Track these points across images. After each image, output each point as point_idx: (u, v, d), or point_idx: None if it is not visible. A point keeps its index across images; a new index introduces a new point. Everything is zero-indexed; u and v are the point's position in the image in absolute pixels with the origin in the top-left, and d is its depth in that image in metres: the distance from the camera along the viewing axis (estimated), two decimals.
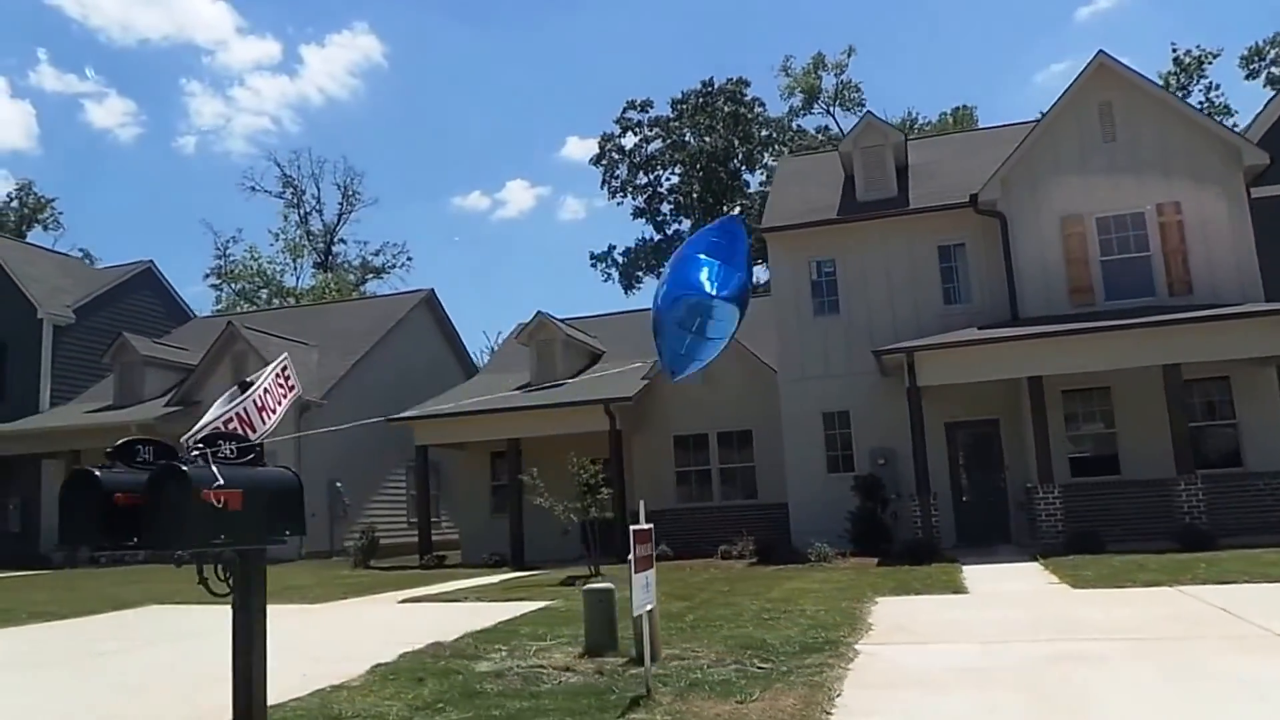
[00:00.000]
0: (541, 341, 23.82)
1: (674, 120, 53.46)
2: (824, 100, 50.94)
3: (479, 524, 23.64)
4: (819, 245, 19.49)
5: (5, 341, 27.20)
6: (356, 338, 26.93)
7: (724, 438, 21.99)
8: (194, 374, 24.35)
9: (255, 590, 3.74)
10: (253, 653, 3.80)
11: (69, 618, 12.35)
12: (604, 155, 53.99)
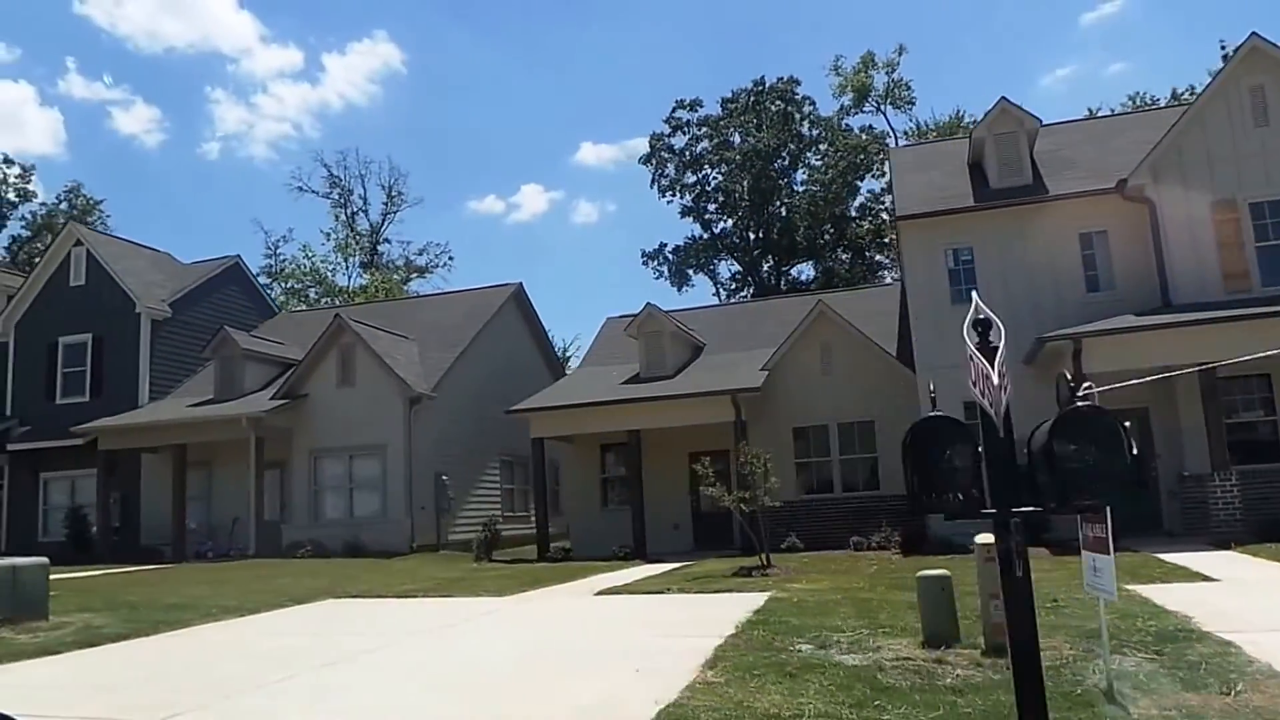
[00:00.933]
0: (650, 334, 23.65)
1: (722, 119, 53.28)
2: (874, 99, 50.55)
3: (590, 517, 23.48)
4: (955, 233, 19.28)
5: (103, 336, 27.12)
6: (451, 331, 26.76)
7: (844, 429, 21.76)
8: (299, 367, 24.20)
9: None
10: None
11: (258, 612, 12.17)
12: (654, 154, 53.83)
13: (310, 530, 23.24)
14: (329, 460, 23.94)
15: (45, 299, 27.92)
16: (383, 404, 23.43)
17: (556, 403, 22.15)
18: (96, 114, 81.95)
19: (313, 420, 23.92)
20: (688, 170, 53.73)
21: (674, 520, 22.81)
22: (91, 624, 10.72)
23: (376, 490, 23.46)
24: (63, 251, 28.01)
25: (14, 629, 10.21)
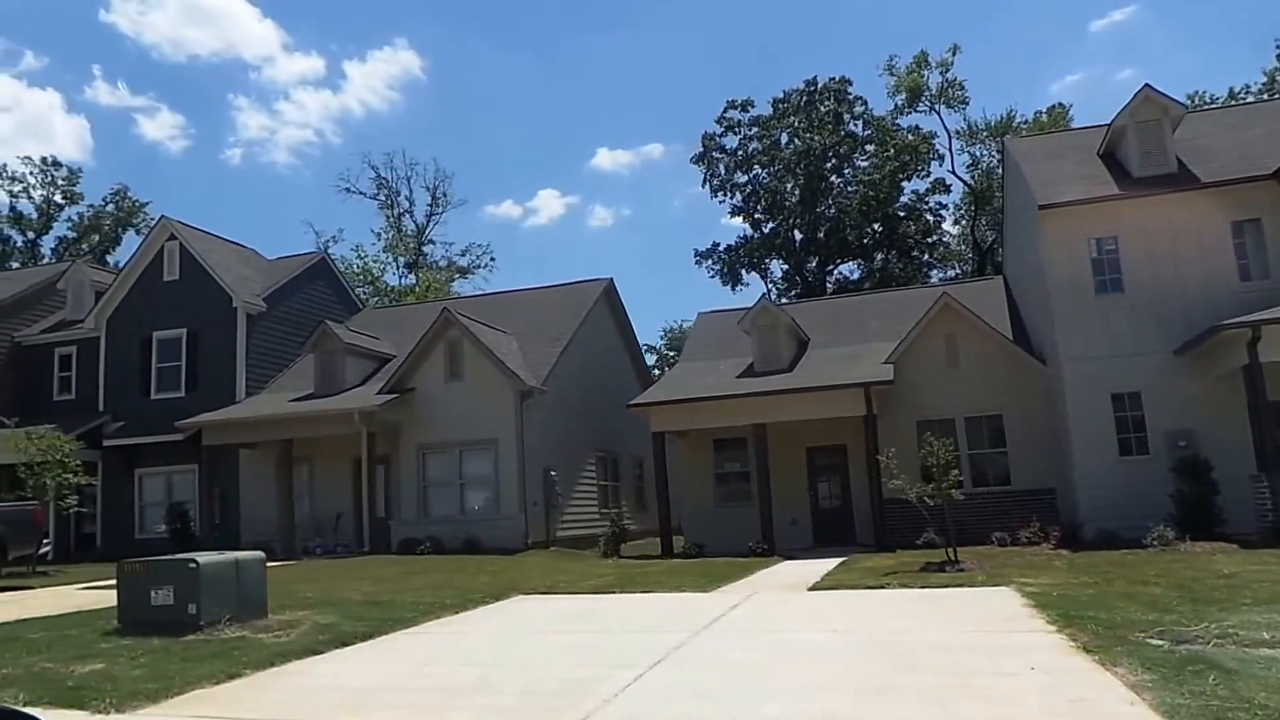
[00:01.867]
0: (764, 327, 23.37)
1: (772, 120, 52.96)
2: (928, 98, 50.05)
3: (704, 514, 23.16)
4: (1099, 223, 18.92)
5: (198, 331, 26.91)
6: (548, 325, 26.48)
7: (972, 423, 21.42)
8: (406, 361, 23.93)
9: None
10: None
11: (463, 609, 11.82)
12: (706, 154, 53.54)
13: (419, 527, 22.98)
14: (438, 455, 23.68)
15: (138, 293, 27.72)
16: (493, 398, 23.15)
17: (678, 396, 21.83)
18: (122, 121, 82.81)
19: (420, 415, 23.65)
20: (739, 170, 53.46)
21: (792, 516, 22.51)
22: (319, 621, 10.41)
23: (488, 486, 23.19)
24: (156, 246, 27.81)
25: (244, 627, 9.88)
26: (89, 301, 29.18)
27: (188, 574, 9.74)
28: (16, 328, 28.98)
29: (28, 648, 9.15)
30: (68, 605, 12.56)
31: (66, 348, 28.63)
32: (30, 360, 28.86)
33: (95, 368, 27.82)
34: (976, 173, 50.73)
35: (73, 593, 15.06)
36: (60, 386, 28.56)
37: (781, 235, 52.79)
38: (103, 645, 9.19)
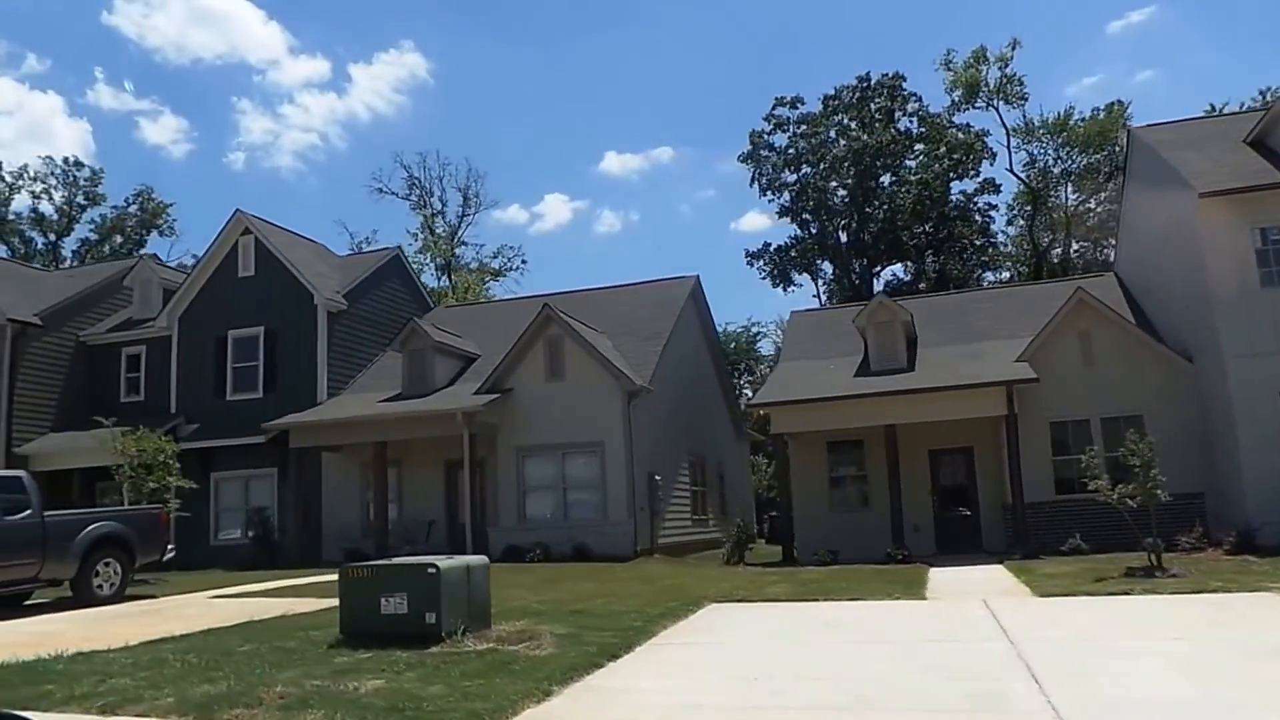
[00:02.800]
0: (880, 324, 22.40)
1: (822, 117, 52.18)
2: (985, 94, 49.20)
3: (816, 520, 22.07)
4: (1265, 211, 17.96)
5: (276, 329, 25.87)
6: (639, 324, 25.46)
7: (1109, 423, 20.40)
8: (505, 360, 22.89)
9: None
10: None
11: (674, 618, 10.83)
12: (755, 152, 52.72)
13: (519, 533, 21.94)
14: (537, 458, 22.63)
15: (212, 290, 26.69)
16: (598, 398, 22.14)
17: (797, 396, 20.82)
18: (124, 124, 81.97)
19: (519, 416, 22.62)
20: (787, 168, 52.62)
21: (914, 522, 21.45)
22: (553, 631, 9.37)
23: (593, 491, 22.15)
24: (230, 241, 26.78)
25: (481, 638, 8.87)
26: (157, 299, 28.15)
27: (426, 580, 8.74)
28: (82, 327, 27.94)
29: (264, 662, 8.14)
30: (226, 617, 11.48)
31: (135, 347, 27.59)
32: (96, 360, 27.83)
33: (166, 368, 26.77)
34: (1033, 171, 49.89)
35: (209, 602, 14.00)
36: (128, 387, 27.51)
37: (831, 236, 51.93)
38: (342, 659, 8.19)
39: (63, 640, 9.60)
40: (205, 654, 8.65)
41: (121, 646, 9.22)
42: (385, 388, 25.04)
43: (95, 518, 14.02)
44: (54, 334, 27.05)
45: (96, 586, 13.62)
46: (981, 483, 21.51)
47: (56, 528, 13.22)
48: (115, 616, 12.43)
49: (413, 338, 24.31)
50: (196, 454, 25.58)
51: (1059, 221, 50.65)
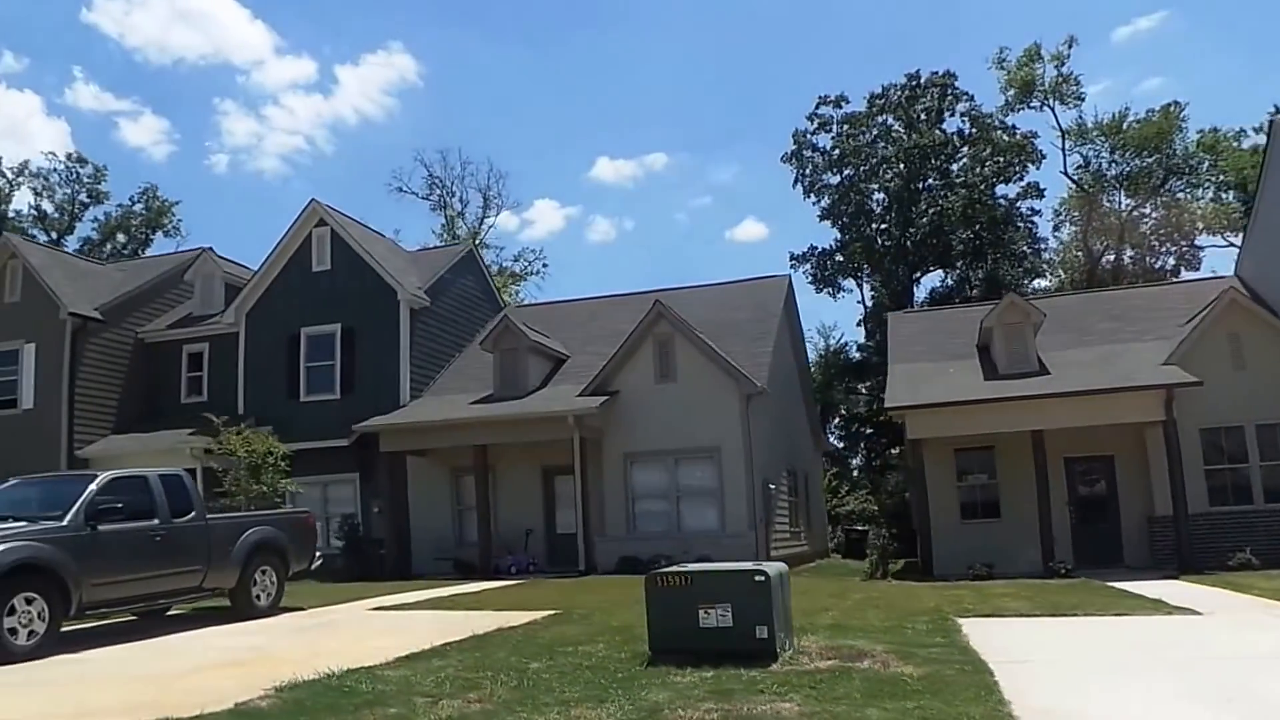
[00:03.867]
0: (1008, 325, 21.27)
1: (866, 116, 51.33)
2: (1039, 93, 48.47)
3: (947, 532, 20.87)
4: None
5: (354, 326, 24.46)
6: (739, 325, 24.11)
7: (1264, 430, 19.38)
8: (611, 361, 21.62)
9: None
10: None
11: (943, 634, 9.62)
12: (799, 152, 51.75)
13: (629, 544, 20.65)
14: (646, 465, 21.37)
15: (284, 285, 25.26)
16: (714, 401, 20.92)
17: (936, 399, 19.64)
18: (104, 125, 79.76)
19: (626, 420, 21.34)
20: (830, 170, 51.67)
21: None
22: (854, 645, 8.14)
23: (709, 499, 20.90)
24: (303, 233, 25.37)
25: (802, 653, 7.64)
26: (219, 294, 26.72)
27: (754, 589, 7.51)
28: (139, 323, 26.46)
29: (594, 681, 6.89)
30: (438, 631, 10.07)
31: (197, 345, 26.14)
32: (155, 359, 26.35)
33: (231, 367, 25.30)
34: (1085, 175, 49.09)
35: (375, 615, 12.62)
36: (189, 387, 26.04)
37: (879, 240, 50.92)
38: (685, 678, 6.99)
39: (283, 656, 8.39)
40: (502, 672, 7.38)
41: (384, 662, 7.94)
42: (470, 389, 23.73)
43: (254, 521, 12.62)
44: (113, 330, 25.59)
45: (255, 597, 12.23)
46: (1123, 493, 20.37)
47: (219, 532, 11.84)
48: (300, 629, 11.09)
49: (505, 336, 23.01)
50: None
51: (1111, 227, 49.75)
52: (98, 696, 7.22)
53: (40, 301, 24.59)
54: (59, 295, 24.34)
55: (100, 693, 7.37)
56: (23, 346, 24.64)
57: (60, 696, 7.33)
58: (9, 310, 25.02)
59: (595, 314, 26.82)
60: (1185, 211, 47.77)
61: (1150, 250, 50.04)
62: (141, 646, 9.99)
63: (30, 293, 24.83)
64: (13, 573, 9.12)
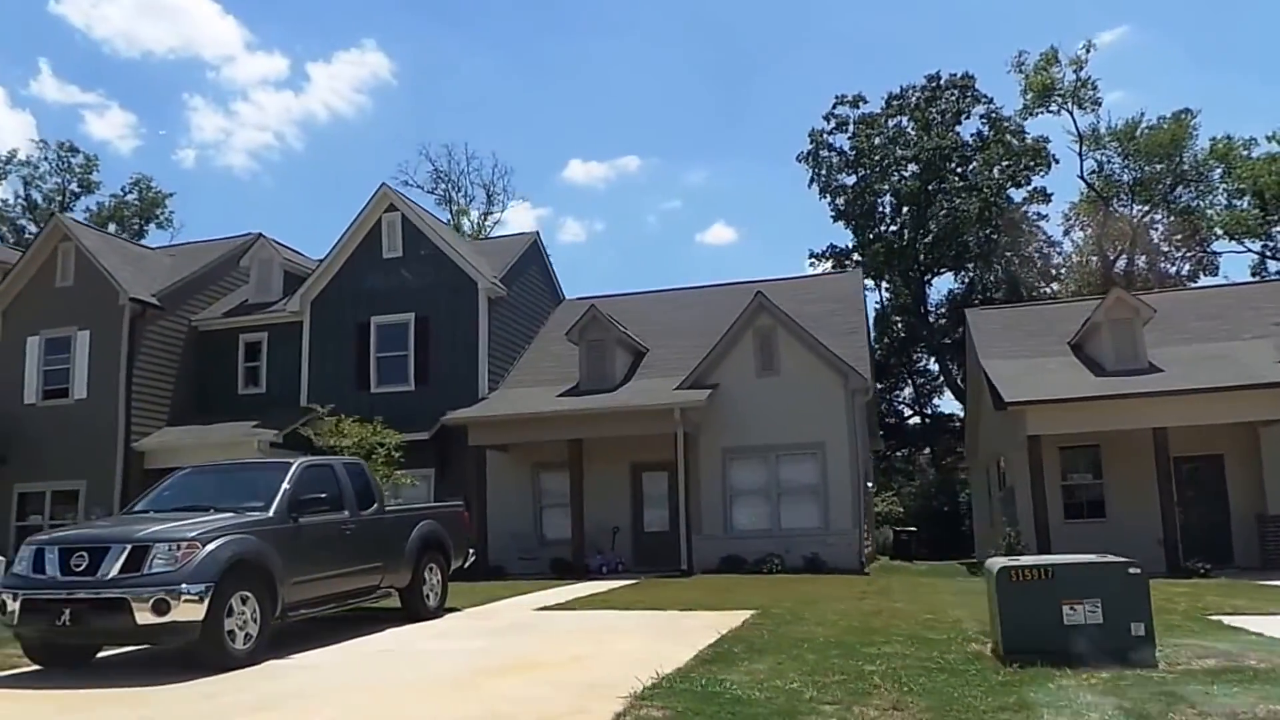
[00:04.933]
0: (1116, 320, 20.88)
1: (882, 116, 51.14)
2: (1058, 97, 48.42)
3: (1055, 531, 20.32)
4: None
5: (428, 316, 23.59)
6: (823, 317, 23.49)
7: None
8: (711, 353, 20.98)
9: None
10: None
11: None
12: (815, 152, 51.42)
13: (725, 543, 20.08)
14: (746, 461, 20.75)
15: (352, 272, 24.36)
16: (818, 396, 20.35)
17: (1074, 394, 19.14)
18: (70, 117, 78.13)
19: (724, 414, 20.69)
20: (845, 170, 51.42)
21: (1157, 535, 19.89)
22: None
23: (811, 497, 20.30)
24: (373, 218, 24.48)
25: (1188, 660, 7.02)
26: (278, 281, 25.73)
27: (1128, 584, 6.93)
28: (192, 310, 25.39)
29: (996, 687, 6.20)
30: (643, 632, 9.36)
31: (255, 334, 25.12)
32: (209, 348, 25.28)
33: (292, 357, 24.36)
34: (1099, 179, 49.12)
35: (536, 614, 11.87)
36: (246, 378, 25.01)
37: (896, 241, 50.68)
38: (1067, 680, 6.26)
39: (543, 659, 7.95)
40: (851, 677, 6.74)
41: (683, 665, 7.27)
42: (545, 382, 23.01)
43: (421, 515, 11.79)
44: (169, 318, 24.52)
45: (425, 596, 11.42)
46: (1233, 493, 20.05)
47: (397, 526, 11.03)
48: (495, 630, 10.39)
49: (592, 327, 22.30)
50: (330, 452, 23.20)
51: (1122, 233, 49.83)
52: (417, 709, 6.44)
53: (95, 286, 23.50)
54: (118, 280, 23.25)
55: (410, 704, 6.60)
56: (76, 333, 23.53)
57: (371, 708, 6.54)
58: (61, 295, 23.90)
59: (649, 309, 25.95)
60: (1201, 217, 47.92)
61: (1164, 256, 50.15)
62: (344, 650, 9.17)
63: (84, 277, 23.72)
64: (231, 569, 8.26)
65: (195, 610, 7.85)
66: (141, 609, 7.75)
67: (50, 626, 7.93)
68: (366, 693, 7.04)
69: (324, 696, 6.94)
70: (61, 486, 22.97)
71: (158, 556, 7.96)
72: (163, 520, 8.75)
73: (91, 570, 7.96)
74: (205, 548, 8.11)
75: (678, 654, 7.74)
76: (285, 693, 7.07)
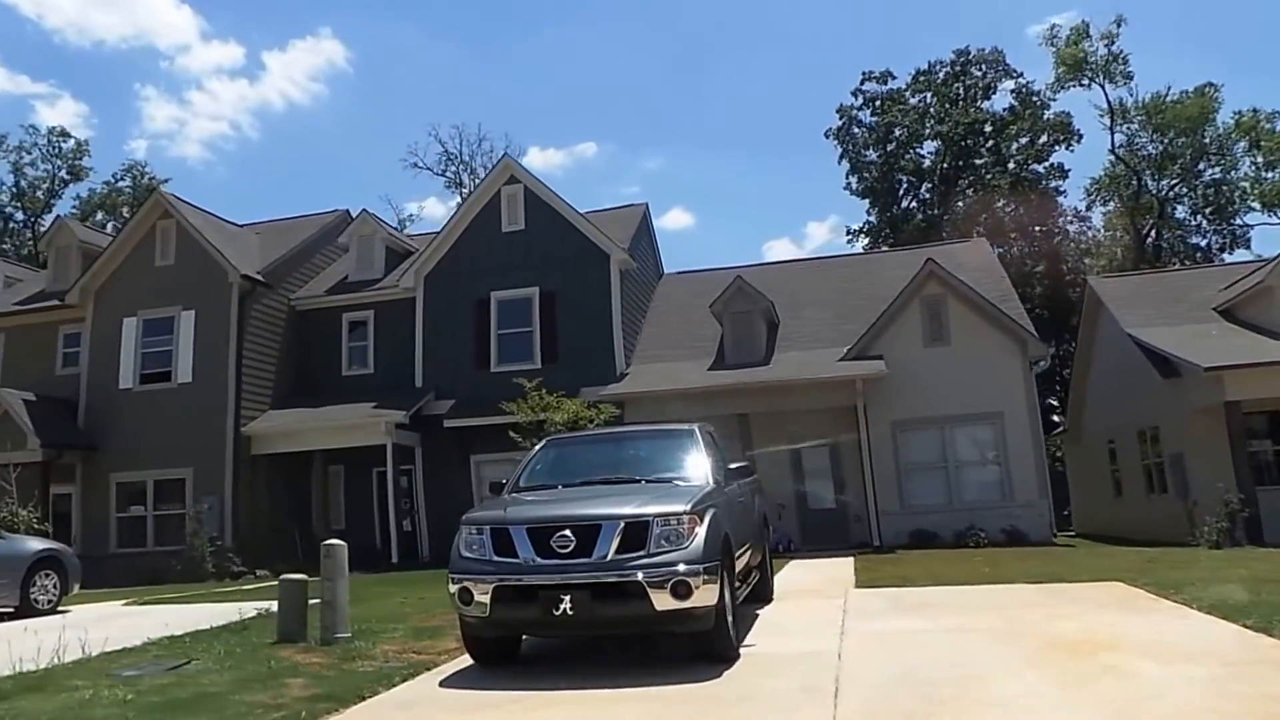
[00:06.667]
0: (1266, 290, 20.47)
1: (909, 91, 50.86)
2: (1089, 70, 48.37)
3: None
4: None
5: (554, 291, 22.37)
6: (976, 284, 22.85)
7: None
8: (876, 324, 20.15)
9: None
10: None
11: None
12: (844, 129, 50.97)
13: (904, 519, 19.29)
14: (918, 433, 19.98)
15: (469, 246, 23.05)
16: (993, 365, 19.67)
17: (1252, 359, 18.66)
18: (19, 107, 75.42)
19: (893, 386, 19.83)
20: (871, 147, 51.06)
21: None
22: None
23: (991, 468, 19.62)
24: (492, 190, 23.22)
25: None
26: (379, 257, 24.35)
27: None
28: (291, 289, 23.87)
29: None
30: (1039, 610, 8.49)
31: (359, 313, 23.70)
32: (309, 327, 23.81)
33: (402, 335, 22.97)
34: (1128, 153, 49.25)
35: (859, 592, 10.90)
36: (350, 359, 23.57)
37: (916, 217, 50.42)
38: None
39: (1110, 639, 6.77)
40: None
41: None
42: (679, 356, 22.08)
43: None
44: (272, 297, 23.01)
45: (769, 574, 10.42)
46: None
47: (751, 496, 9.99)
48: (918, 608, 9.29)
49: (738, 299, 21.35)
50: (453, 434, 21.96)
51: (1146, 206, 49.97)
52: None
53: (199, 264, 21.99)
54: (227, 257, 21.69)
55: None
56: (179, 313, 21.97)
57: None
58: (161, 274, 22.29)
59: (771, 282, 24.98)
60: (1234, 188, 48.29)
61: (1192, 230, 50.54)
62: (810, 632, 8.19)
63: (187, 255, 22.17)
64: (725, 545, 7.22)
65: (711, 593, 6.80)
66: (659, 593, 6.65)
67: (544, 616, 6.77)
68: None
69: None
70: (165, 475, 21.41)
71: (660, 534, 6.85)
72: (596, 496, 7.66)
73: (583, 551, 6.82)
74: (704, 522, 7.04)
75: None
76: (812, 687, 6.03)
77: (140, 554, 20.33)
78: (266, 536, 20.68)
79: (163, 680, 7.17)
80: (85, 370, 22.40)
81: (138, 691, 6.72)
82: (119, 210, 58.25)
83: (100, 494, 21.59)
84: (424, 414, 21.77)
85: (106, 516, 21.39)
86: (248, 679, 7.11)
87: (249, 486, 21.10)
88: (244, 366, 21.71)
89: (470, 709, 6.12)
